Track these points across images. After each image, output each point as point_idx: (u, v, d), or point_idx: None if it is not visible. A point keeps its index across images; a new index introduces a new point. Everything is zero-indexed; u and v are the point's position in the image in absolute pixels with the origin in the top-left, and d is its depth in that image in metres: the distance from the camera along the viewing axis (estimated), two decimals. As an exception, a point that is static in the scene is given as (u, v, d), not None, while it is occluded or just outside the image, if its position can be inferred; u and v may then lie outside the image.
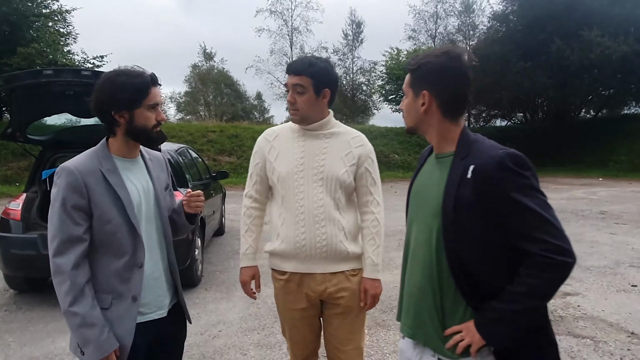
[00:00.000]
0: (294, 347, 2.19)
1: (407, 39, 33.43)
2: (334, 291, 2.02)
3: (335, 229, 1.97)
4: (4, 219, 4.51)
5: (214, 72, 41.00)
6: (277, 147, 2.07)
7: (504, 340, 1.31)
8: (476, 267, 1.33)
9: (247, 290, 2.20)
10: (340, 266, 2.02)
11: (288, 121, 2.22)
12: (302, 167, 1.99)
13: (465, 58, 1.43)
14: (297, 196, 1.98)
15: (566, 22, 22.47)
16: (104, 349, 1.51)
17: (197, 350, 3.43)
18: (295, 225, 1.97)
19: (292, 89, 1.96)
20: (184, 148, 6.72)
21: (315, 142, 2.03)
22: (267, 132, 2.16)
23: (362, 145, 2.07)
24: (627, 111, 28.16)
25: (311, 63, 1.95)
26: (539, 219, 1.25)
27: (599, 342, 3.53)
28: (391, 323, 3.94)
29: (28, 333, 3.82)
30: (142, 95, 1.58)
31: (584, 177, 19.48)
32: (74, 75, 4.10)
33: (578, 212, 9.96)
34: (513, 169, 1.27)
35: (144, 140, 1.67)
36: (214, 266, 5.86)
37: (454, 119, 1.44)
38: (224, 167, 16.75)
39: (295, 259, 2.01)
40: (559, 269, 1.24)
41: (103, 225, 1.56)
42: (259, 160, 2.12)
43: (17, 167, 15.09)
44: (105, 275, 1.57)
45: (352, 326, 2.08)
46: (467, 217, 1.33)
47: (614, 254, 6.30)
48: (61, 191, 1.53)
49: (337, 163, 2.00)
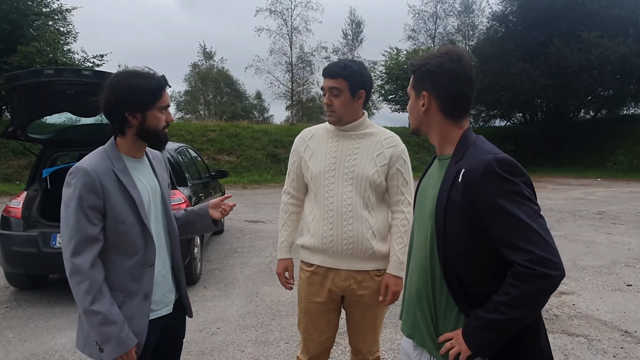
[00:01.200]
0: (308, 341, 2.25)
1: (407, 39, 33.53)
2: (356, 288, 2.10)
3: (362, 227, 2.04)
4: (5, 216, 4.55)
5: (214, 71, 41.05)
6: (312, 147, 2.17)
7: (489, 350, 1.28)
8: (465, 272, 1.32)
9: (281, 281, 2.29)
10: (366, 264, 2.09)
11: (289, 121, 2.30)
12: (334, 167, 2.08)
13: (467, 58, 1.39)
14: (327, 194, 2.07)
15: (565, 23, 22.54)
16: (125, 344, 1.54)
17: (196, 347, 3.47)
18: (324, 221, 2.07)
19: (329, 91, 2.05)
20: (184, 147, 6.75)
21: (348, 142, 2.10)
22: (304, 132, 2.26)
23: (395, 146, 2.12)
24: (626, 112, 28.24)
25: (346, 66, 2.04)
26: (523, 228, 1.20)
27: (593, 341, 3.57)
28: (387, 321, 3.98)
29: (28, 329, 3.86)
30: (155, 98, 1.61)
31: (582, 177, 19.54)
32: (75, 74, 4.13)
33: (575, 213, 10.00)
34: (500, 174, 1.23)
35: (154, 141, 1.69)
36: (212, 264, 5.90)
37: (455, 120, 1.42)
38: (224, 166, 16.80)
39: (322, 254, 2.10)
40: (540, 280, 1.18)
41: (116, 225, 1.58)
42: (295, 159, 2.24)
43: (18, 166, 15.12)
44: (117, 274, 1.60)
45: (373, 322, 2.19)
46: (456, 221, 1.31)
47: (610, 253, 6.35)
48: (77, 191, 1.53)
49: (368, 163, 2.07)
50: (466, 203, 1.28)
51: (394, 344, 3.52)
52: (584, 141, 23.47)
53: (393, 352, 3.39)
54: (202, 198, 5.88)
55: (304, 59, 32.03)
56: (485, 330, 1.26)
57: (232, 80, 41.66)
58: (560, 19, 22.72)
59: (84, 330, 1.62)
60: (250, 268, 5.72)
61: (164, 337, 1.77)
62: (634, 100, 26.34)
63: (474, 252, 1.30)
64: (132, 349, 1.56)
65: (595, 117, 28.23)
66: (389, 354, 3.36)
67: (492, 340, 1.26)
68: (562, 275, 1.20)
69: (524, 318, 1.23)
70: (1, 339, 3.68)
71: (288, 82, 32.18)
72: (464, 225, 1.30)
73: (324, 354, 2.28)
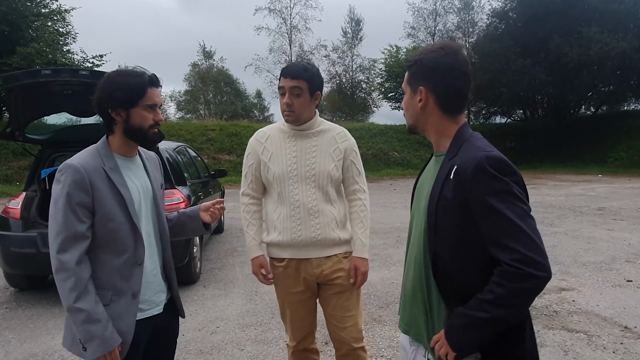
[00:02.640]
0: (293, 329, 2.36)
1: (407, 37, 33.52)
2: (329, 272, 2.21)
3: (327, 219, 2.19)
4: (4, 217, 4.55)
5: (214, 70, 41.02)
6: (270, 148, 2.24)
7: (469, 349, 1.28)
8: (454, 268, 1.32)
9: (260, 279, 2.34)
10: (333, 250, 2.23)
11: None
12: (296, 167, 2.18)
13: (463, 53, 1.38)
14: (292, 192, 2.17)
15: (565, 19, 22.49)
16: (108, 344, 1.53)
17: (195, 346, 3.47)
18: (292, 218, 2.17)
19: (290, 91, 2.11)
20: (182, 146, 6.75)
21: (305, 142, 2.21)
22: (258, 134, 2.32)
23: (347, 140, 2.27)
24: (627, 107, 28.17)
25: (306, 68, 2.14)
26: (511, 227, 1.19)
27: (593, 336, 3.57)
28: (387, 319, 3.98)
29: (28, 330, 3.87)
30: (138, 95, 1.61)
31: (583, 173, 19.50)
32: (72, 75, 4.13)
33: (576, 209, 9.99)
34: (490, 172, 1.22)
35: (140, 140, 1.69)
36: (212, 263, 5.91)
37: (452, 116, 1.41)
38: (224, 166, 16.79)
39: (291, 248, 2.21)
40: (526, 280, 1.17)
41: (106, 223, 1.58)
42: (253, 161, 2.30)
43: (18, 167, 15.14)
44: (105, 272, 1.59)
45: (348, 304, 2.26)
46: (447, 217, 1.31)
47: (610, 249, 6.34)
48: (66, 188, 1.53)
49: (327, 159, 2.21)
50: (457, 200, 1.28)
51: (393, 341, 3.51)
52: (585, 137, 23.42)
53: (392, 349, 3.38)
54: (202, 197, 5.88)
55: (304, 57, 32.07)
56: (469, 328, 1.25)
57: (232, 79, 41.66)
58: (559, 15, 22.66)
59: (71, 328, 1.61)
60: (249, 267, 5.69)
61: (156, 337, 1.76)
62: (634, 95, 26.26)
63: (462, 249, 1.30)
64: (116, 348, 1.55)
65: (596, 113, 28.18)
66: (389, 352, 3.36)
67: (476, 339, 1.26)
68: (548, 277, 1.19)
69: (508, 317, 1.23)
70: (1, 339, 3.69)
71: (288, 81, 32.13)
72: (453, 221, 1.30)
73: (310, 335, 2.41)
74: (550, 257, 4.70)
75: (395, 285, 4.84)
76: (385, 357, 3.28)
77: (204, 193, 6.22)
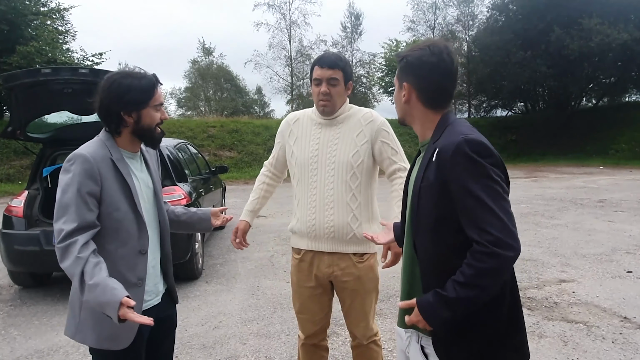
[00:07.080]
0: (303, 321, 2.37)
1: (406, 31, 33.29)
2: (340, 275, 2.19)
3: (344, 212, 2.13)
4: (7, 216, 4.59)
5: (214, 67, 40.96)
6: (296, 132, 2.26)
7: (439, 324, 1.32)
8: (433, 249, 1.36)
9: (231, 239, 2.40)
10: (347, 247, 2.17)
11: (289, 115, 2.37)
12: (316, 157, 2.16)
13: (449, 52, 1.41)
14: (311, 179, 2.16)
15: (565, 11, 22.36)
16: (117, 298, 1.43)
17: (198, 341, 3.51)
18: (308, 207, 2.17)
19: (327, 81, 2.10)
20: (183, 143, 6.77)
21: (330, 130, 2.18)
22: (289, 116, 2.36)
23: (372, 121, 2.17)
24: (628, 99, 28.05)
25: (340, 58, 2.16)
26: (483, 208, 1.23)
27: (592, 327, 3.59)
28: (387, 312, 4.02)
29: (33, 327, 3.91)
30: (149, 96, 1.66)
31: (584, 165, 19.47)
32: (72, 73, 4.14)
33: (577, 201, 10.00)
34: (468, 154, 1.26)
35: (148, 139, 1.74)
36: (214, 259, 5.94)
37: (436, 110, 1.46)
38: (225, 162, 16.82)
39: (307, 238, 2.21)
40: (490, 259, 1.20)
41: (111, 213, 1.60)
42: (280, 140, 2.36)
43: (20, 166, 15.20)
44: (112, 262, 1.61)
45: (362, 307, 2.26)
46: (428, 198, 1.36)
47: (610, 241, 6.36)
48: (76, 177, 1.54)
49: (348, 147, 2.14)
50: (437, 181, 1.32)
51: (393, 334, 3.54)
52: (586, 129, 23.36)
53: (393, 342, 3.41)
54: (202, 194, 5.91)
55: (303, 52, 31.98)
56: (440, 304, 1.29)
57: (232, 75, 41.58)
58: (560, 7, 22.54)
59: (75, 315, 1.64)
60: (251, 262, 5.76)
61: (156, 327, 1.79)
62: (635, 87, 26.16)
63: (440, 230, 1.34)
64: (124, 304, 1.43)
65: (597, 104, 28.07)
66: (390, 344, 3.39)
67: (447, 316, 1.29)
68: (514, 256, 1.22)
69: (477, 297, 1.25)
70: (6, 336, 3.73)
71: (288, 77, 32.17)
72: (433, 202, 1.34)
73: (321, 332, 2.39)
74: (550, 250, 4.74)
75: (395, 279, 4.86)
76: (386, 349, 3.31)
77: (205, 189, 6.24)
